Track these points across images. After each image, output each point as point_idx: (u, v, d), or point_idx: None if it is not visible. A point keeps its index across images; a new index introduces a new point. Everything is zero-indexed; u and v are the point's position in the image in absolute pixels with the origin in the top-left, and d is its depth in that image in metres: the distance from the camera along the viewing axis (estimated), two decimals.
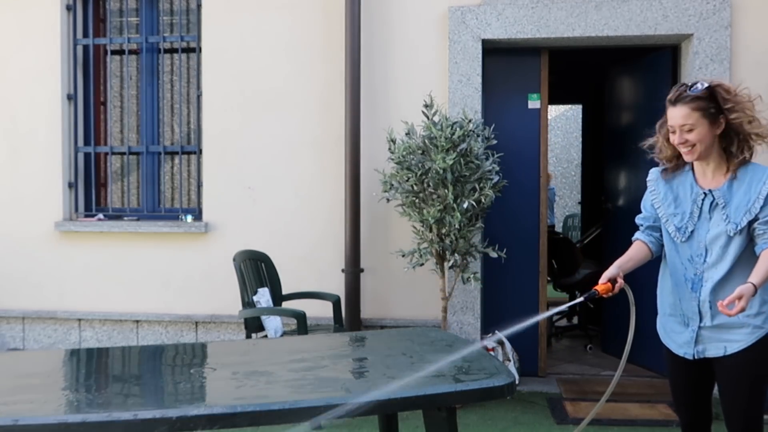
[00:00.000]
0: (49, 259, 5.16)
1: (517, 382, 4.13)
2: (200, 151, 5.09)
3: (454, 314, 4.68)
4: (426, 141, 4.17)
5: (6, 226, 5.20)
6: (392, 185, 4.28)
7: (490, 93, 4.89)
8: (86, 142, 5.30)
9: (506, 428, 3.95)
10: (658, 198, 2.47)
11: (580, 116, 9.55)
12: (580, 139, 9.81)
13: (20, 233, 5.18)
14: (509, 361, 4.58)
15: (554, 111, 12.22)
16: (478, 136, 4.27)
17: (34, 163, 5.16)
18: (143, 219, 5.20)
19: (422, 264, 4.31)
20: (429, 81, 4.70)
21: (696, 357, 2.37)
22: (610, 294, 2.35)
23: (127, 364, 2.45)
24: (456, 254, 4.25)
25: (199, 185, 5.15)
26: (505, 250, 4.40)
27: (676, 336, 2.45)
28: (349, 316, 4.65)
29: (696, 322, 2.36)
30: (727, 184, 2.31)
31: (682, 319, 2.42)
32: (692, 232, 2.35)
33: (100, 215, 5.23)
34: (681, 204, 2.40)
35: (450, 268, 4.36)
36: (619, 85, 5.46)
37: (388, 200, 4.40)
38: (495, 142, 4.36)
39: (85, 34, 5.28)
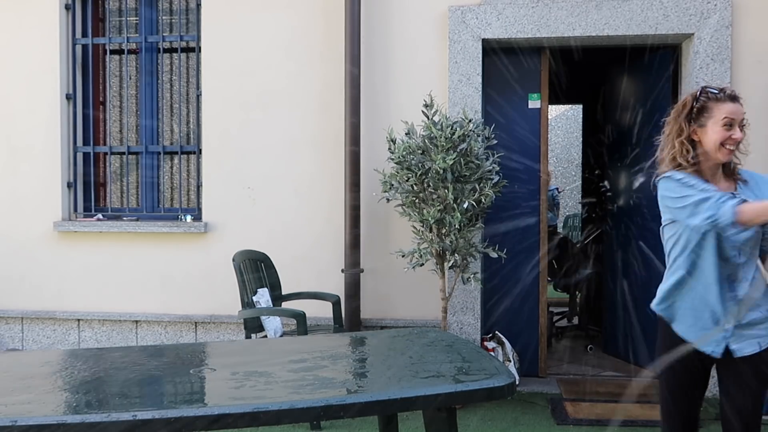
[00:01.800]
0: (48, 259, 5.15)
1: (517, 382, 4.13)
2: (200, 151, 5.08)
3: (454, 314, 4.67)
4: (426, 141, 4.17)
5: (5, 226, 5.19)
6: (392, 185, 4.28)
7: (490, 93, 4.88)
8: (85, 142, 5.29)
9: (506, 429, 3.94)
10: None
11: (581, 116, 9.54)
12: (581, 139, 9.80)
13: (19, 233, 5.17)
14: (509, 361, 4.58)
15: (554, 111, 12.20)
16: (478, 136, 4.27)
17: (33, 163, 5.15)
18: (142, 219, 5.19)
19: (422, 264, 4.30)
20: (429, 81, 4.69)
21: (732, 355, 2.36)
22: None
23: (126, 364, 2.44)
24: (456, 254, 4.24)
25: (199, 185, 5.15)
26: (505, 250, 4.39)
27: (701, 333, 2.40)
28: (348, 317, 4.64)
29: (731, 320, 2.35)
30: (740, 186, 2.39)
31: (711, 316, 2.38)
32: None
33: (100, 215, 5.23)
34: None
35: (450, 268, 4.36)
36: (620, 84, 5.46)
37: (388, 200, 4.39)
38: (495, 142, 4.36)
39: (84, 34, 5.27)
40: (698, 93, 2.38)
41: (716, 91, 2.35)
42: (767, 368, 2.34)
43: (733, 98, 2.35)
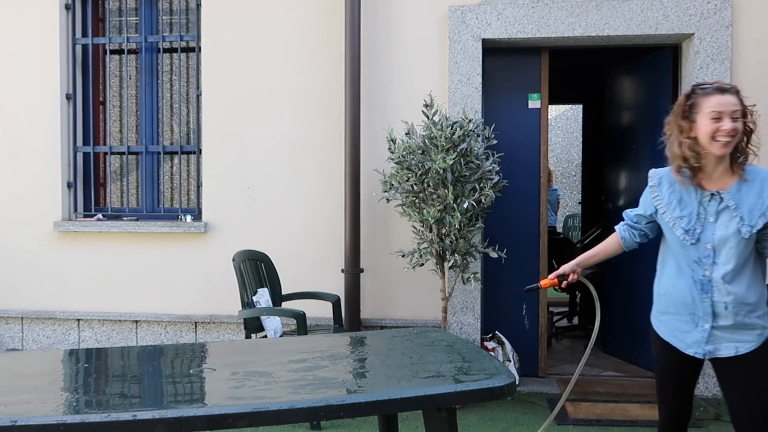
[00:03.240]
0: (48, 259, 5.15)
1: (517, 382, 4.13)
2: (200, 151, 5.08)
3: (454, 314, 4.67)
4: (426, 141, 4.17)
5: (5, 226, 5.19)
6: (392, 185, 4.27)
7: (490, 93, 4.88)
8: (85, 142, 5.29)
9: (506, 429, 3.94)
10: (663, 203, 2.46)
11: (581, 116, 9.54)
12: (581, 139, 9.80)
13: (19, 233, 5.17)
14: (509, 361, 4.58)
15: (554, 111, 12.20)
16: (478, 136, 4.26)
17: (33, 163, 5.15)
18: (142, 219, 5.19)
19: (422, 264, 4.30)
20: (429, 81, 4.69)
21: (707, 356, 2.40)
22: (557, 288, 2.44)
23: (126, 364, 2.44)
24: (456, 254, 4.24)
25: (199, 185, 5.15)
26: (505, 250, 4.39)
27: (683, 335, 2.44)
28: (348, 317, 4.64)
29: (708, 322, 2.37)
30: (735, 186, 2.34)
31: (690, 318, 2.42)
32: (700, 234, 2.36)
33: (100, 215, 5.23)
34: (686, 206, 2.40)
35: (450, 268, 4.36)
36: (620, 84, 5.46)
37: (388, 200, 4.39)
38: (495, 142, 4.35)
39: (84, 34, 5.27)
40: (690, 90, 2.41)
41: (705, 86, 2.36)
42: (751, 366, 2.34)
43: (722, 90, 2.33)
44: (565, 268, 2.52)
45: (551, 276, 2.52)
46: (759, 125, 2.41)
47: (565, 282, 2.49)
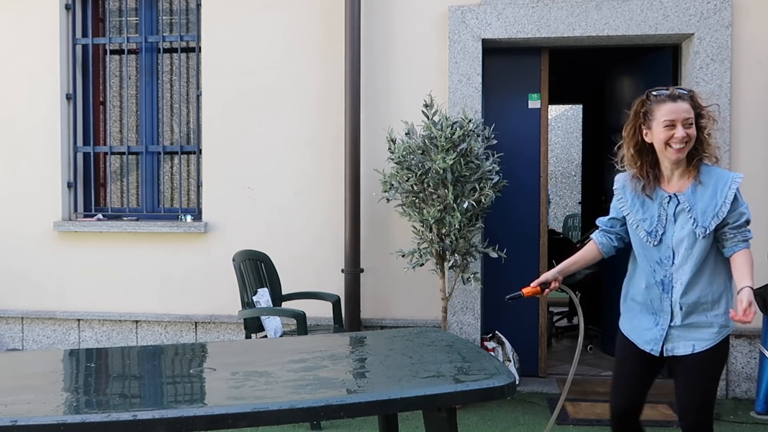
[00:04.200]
0: (48, 259, 5.15)
1: (517, 382, 4.13)
2: (200, 151, 5.09)
3: (454, 314, 4.67)
4: (426, 141, 4.17)
5: (5, 225, 5.19)
6: (392, 185, 4.28)
7: (490, 93, 4.88)
8: (85, 142, 5.29)
9: (506, 429, 3.94)
10: (626, 205, 2.54)
11: (580, 116, 9.54)
12: (581, 139, 9.80)
13: (19, 233, 5.17)
14: (509, 361, 4.58)
15: (554, 111, 12.20)
16: (478, 136, 4.27)
17: (33, 163, 5.15)
18: (142, 219, 5.19)
19: (422, 264, 4.30)
20: (429, 81, 4.69)
21: (664, 354, 2.47)
22: (539, 296, 2.47)
23: (126, 364, 2.44)
24: (456, 254, 4.24)
25: (199, 185, 5.15)
26: (505, 250, 4.39)
27: (643, 332, 2.52)
28: (348, 317, 4.64)
29: (667, 321, 2.45)
30: (691, 188, 2.41)
31: (651, 317, 2.50)
32: (662, 235, 2.43)
33: (100, 215, 5.23)
34: (648, 209, 2.48)
35: (450, 268, 4.36)
36: (620, 85, 5.46)
37: (388, 200, 4.39)
38: (495, 142, 4.35)
39: (84, 34, 5.27)
40: (645, 96, 2.47)
41: (658, 93, 2.43)
42: (716, 362, 2.41)
43: (675, 97, 2.39)
44: (547, 275, 2.56)
45: (533, 284, 2.56)
46: (751, 129, 2.44)
47: (547, 290, 2.52)
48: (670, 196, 2.43)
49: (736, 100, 4.47)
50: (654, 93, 2.44)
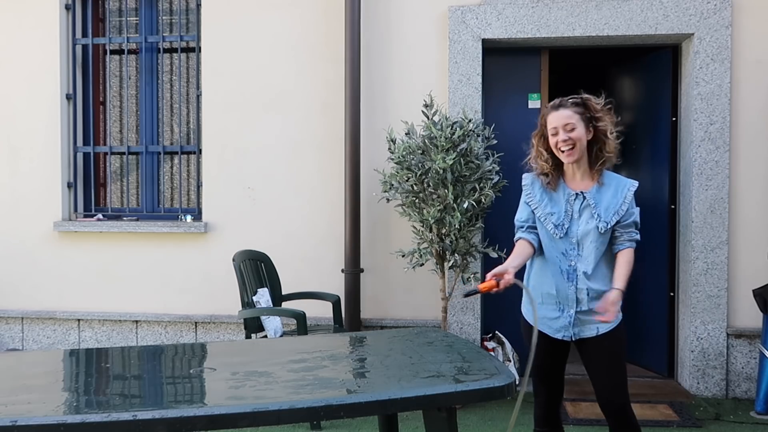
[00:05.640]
0: (49, 259, 5.16)
1: (517, 382, 4.13)
2: (200, 151, 5.09)
3: (454, 314, 4.67)
4: (426, 141, 4.17)
5: (5, 226, 5.19)
6: (392, 185, 4.28)
7: (490, 93, 4.88)
8: (85, 142, 5.29)
9: (506, 429, 3.94)
10: (535, 200, 2.76)
11: None
12: None
13: (19, 233, 5.17)
14: (509, 361, 4.58)
15: None
16: (478, 136, 4.27)
17: (33, 163, 5.15)
18: (142, 219, 5.19)
19: (422, 264, 4.30)
20: (429, 81, 4.70)
21: (573, 338, 2.71)
22: (494, 291, 2.55)
23: (126, 364, 2.44)
24: (456, 254, 4.24)
25: (199, 185, 5.15)
26: (505, 250, 4.38)
27: (551, 322, 2.74)
28: (349, 317, 4.65)
29: (572, 308, 2.68)
30: (595, 187, 2.69)
31: (557, 306, 2.72)
32: (568, 228, 2.67)
33: (100, 215, 5.23)
34: (556, 204, 2.71)
35: (450, 268, 4.36)
36: (620, 84, 5.46)
37: (388, 200, 4.39)
38: (495, 142, 4.35)
39: (84, 34, 5.27)
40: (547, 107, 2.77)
41: (550, 104, 2.73)
42: (620, 340, 2.68)
43: (557, 107, 2.69)
44: (498, 268, 2.59)
45: (488, 276, 2.58)
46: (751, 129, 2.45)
47: (502, 282, 2.54)
48: (576, 194, 2.68)
49: (736, 100, 4.47)
50: (549, 104, 2.74)
